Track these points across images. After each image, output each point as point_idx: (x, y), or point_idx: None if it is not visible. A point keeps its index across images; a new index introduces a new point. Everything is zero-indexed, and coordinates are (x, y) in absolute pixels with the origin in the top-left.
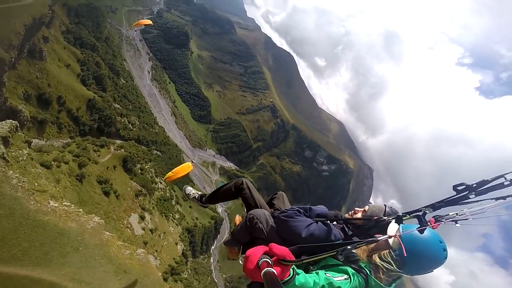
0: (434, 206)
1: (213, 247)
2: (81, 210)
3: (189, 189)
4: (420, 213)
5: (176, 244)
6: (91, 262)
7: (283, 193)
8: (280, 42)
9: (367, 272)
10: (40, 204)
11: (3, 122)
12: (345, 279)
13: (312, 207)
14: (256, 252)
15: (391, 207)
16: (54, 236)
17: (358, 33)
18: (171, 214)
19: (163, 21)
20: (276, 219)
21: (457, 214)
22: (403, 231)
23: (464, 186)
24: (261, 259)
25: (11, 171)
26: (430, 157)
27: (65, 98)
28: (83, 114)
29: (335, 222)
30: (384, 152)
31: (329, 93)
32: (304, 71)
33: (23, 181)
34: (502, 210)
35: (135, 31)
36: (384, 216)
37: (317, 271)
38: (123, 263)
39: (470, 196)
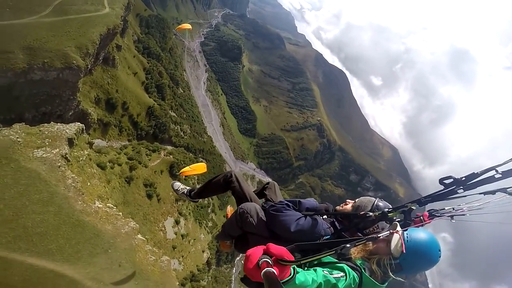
0: (420, 202)
1: (238, 258)
2: (120, 213)
3: (177, 184)
4: (406, 209)
5: (203, 251)
6: (115, 265)
7: (275, 182)
8: (332, 59)
9: (362, 270)
10: (86, 205)
11: (72, 124)
12: (341, 276)
13: (301, 200)
14: (256, 252)
15: (382, 200)
16: (90, 236)
17: (420, 51)
18: (204, 222)
19: (220, 34)
20: (266, 213)
21: (453, 208)
22: (407, 239)
23: (452, 180)
24: (261, 259)
25: (69, 171)
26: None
27: (129, 104)
28: (142, 119)
29: (325, 216)
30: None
31: (384, 115)
32: (357, 90)
33: (77, 181)
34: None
35: (189, 41)
36: (373, 209)
37: (315, 268)
38: (145, 269)
39: (458, 191)
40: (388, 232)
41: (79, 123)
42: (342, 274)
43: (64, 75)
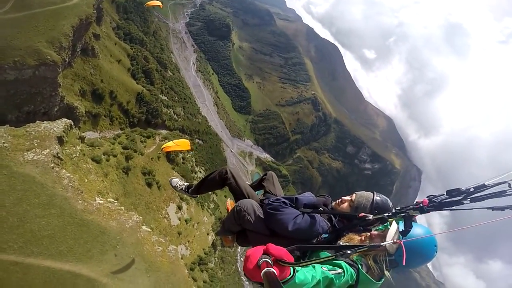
0: (423, 210)
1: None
2: (122, 207)
3: (175, 181)
4: (407, 215)
5: (208, 234)
6: (126, 259)
7: (273, 173)
8: (323, 33)
9: (359, 267)
10: (87, 203)
11: (58, 121)
12: (339, 273)
13: (298, 197)
14: (256, 252)
15: (380, 197)
16: (96, 234)
17: (413, 24)
18: (206, 204)
19: (206, 13)
20: (263, 210)
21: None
22: (403, 238)
23: (459, 191)
24: (261, 259)
25: (64, 170)
26: (491, 164)
27: (116, 92)
28: (133, 107)
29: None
30: (438, 155)
31: (379, 87)
32: (351, 63)
33: (73, 181)
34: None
35: (173, 23)
36: (372, 208)
37: (313, 264)
38: (154, 261)
39: (465, 202)
40: (392, 241)
41: (66, 119)
42: (340, 270)
43: (40, 71)
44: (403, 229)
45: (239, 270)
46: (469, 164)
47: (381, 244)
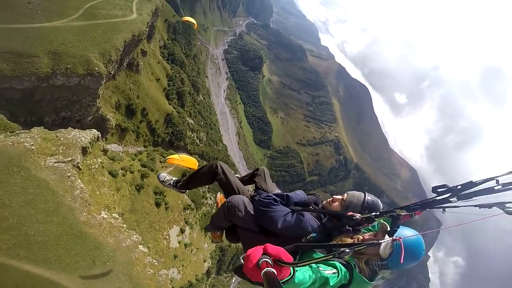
0: (409, 208)
1: (238, 265)
2: (124, 225)
3: (163, 175)
4: (394, 214)
5: (204, 261)
6: (111, 277)
7: (264, 168)
8: (355, 73)
9: (352, 267)
10: (91, 216)
11: (88, 131)
12: (334, 273)
13: (289, 194)
14: (256, 252)
15: (371, 198)
16: (90, 248)
17: (449, 68)
18: None
19: (243, 43)
20: (254, 207)
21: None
22: (396, 242)
23: (446, 188)
24: (261, 259)
25: (79, 180)
26: None
27: (148, 110)
28: (160, 126)
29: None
30: (462, 210)
31: (406, 135)
32: (380, 106)
33: (85, 192)
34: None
35: (213, 48)
36: (363, 209)
37: (310, 264)
38: (141, 283)
39: (452, 200)
40: (390, 239)
41: (95, 130)
42: (334, 270)
43: (85, 81)
44: (390, 228)
45: None
46: (496, 224)
47: (380, 241)
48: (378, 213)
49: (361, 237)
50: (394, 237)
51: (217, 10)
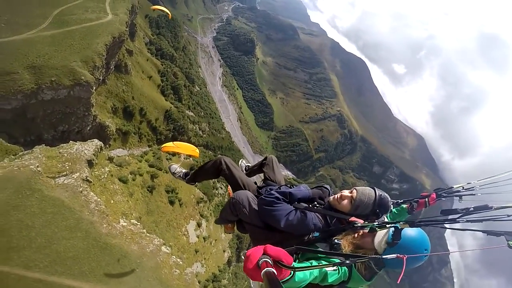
0: (413, 224)
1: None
2: (144, 231)
3: (174, 167)
4: (397, 226)
5: (224, 251)
6: (143, 283)
7: (273, 157)
8: (350, 47)
9: (352, 265)
10: (111, 227)
11: (90, 142)
12: (334, 270)
13: (292, 191)
14: (256, 252)
15: (382, 195)
16: (118, 258)
17: (444, 37)
18: None
19: (231, 28)
20: (257, 204)
21: (463, 187)
22: (391, 236)
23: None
24: (261, 259)
25: (92, 193)
26: None
27: (146, 109)
28: (161, 124)
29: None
30: (474, 177)
31: (409, 103)
32: (379, 78)
33: (100, 204)
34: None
35: (201, 37)
36: (374, 209)
37: (311, 260)
38: (171, 284)
39: (460, 221)
40: (395, 256)
41: (96, 140)
42: (334, 267)
43: (75, 92)
44: (391, 240)
45: (251, 286)
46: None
47: (383, 257)
48: (381, 224)
49: (361, 232)
50: (397, 255)
51: None
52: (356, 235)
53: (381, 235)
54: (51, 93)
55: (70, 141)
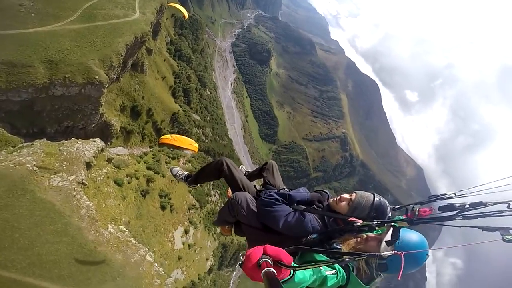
0: (412, 222)
1: (240, 263)
2: (131, 239)
3: (176, 170)
4: (396, 225)
5: (207, 260)
6: None
7: (273, 162)
8: (365, 68)
9: (350, 269)
10: (98, 234)
11: (91, 142)
12: (333, 273)
13: (291, 193)
14: (256, 252)
15: (380, 200)
16: (100, 265)
17: (463, 66)
18: (213, 228)
19: (251, 35)
20: (257, 205)
21: (455, 194)
22: (399, 241)
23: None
24: (261, 259)
25: (85, 197)
26: None
27: (154, 110)
28: (166, 126)
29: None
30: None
31: (414, 132)
32: (389, 103)
33: (91, 210)
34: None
35: (220, 41)
36: (371, 211)
37: (310, 263)
38: None
39: (457, 218)
40: (392, 252)
41: (99, 141)
42: (333, 271)
43: (86, 90)
44: (390, 239)
45: None
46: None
47: (381, 254)
48: (379, 222)
49: (365, 236)
50: (395, 252)
51: (225, 2)
52: (359, 239)
53: (388, 238)
54: (62, 89)
55: (72, 138)
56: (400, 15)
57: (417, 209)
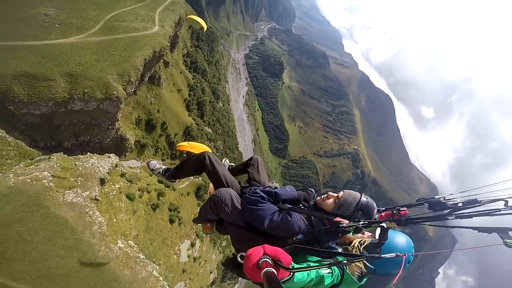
0: (400, 222)
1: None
2: (140, 255)
3: (153, 163)
4: (384, 226)
5: (211, 272)
6: None
7: (258, 157)
8: (379, 82)
9: (344, 267)
10: (108, 250)
11: (106, 158)
12: (328, 272)
13: (278, 191)
14: (256, 252)
15: (367, 199)
16: (108, 281)
17: (482, 80)
18: (219, 241)
19: (264, 48)
20: (241, 203)
21: (444, 198)
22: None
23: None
24: (261, 259)
25: (97, 213)
26: None
27: (168, 124)
28: (179, 139)
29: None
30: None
31: (429, 150)
32: (403, 118)
33: (103, 226)
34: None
35: (235, 53)
36: (357, 209)
37: (308, 263)
38: None
39: (449, 218)
40: (394, 254)
41: (113, 156)
42: (329, 270)
43: (104, 106)
44: (377, 241)
45: None
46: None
47: (381, 256)
48: (366, 223)
49: (366, 235)
50: (397, 253)
51: (240, 14)
52: (359, 238)
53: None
54: (81, 104)
55: (88, 153)
56: (415, 28)
57: (395, 211)
